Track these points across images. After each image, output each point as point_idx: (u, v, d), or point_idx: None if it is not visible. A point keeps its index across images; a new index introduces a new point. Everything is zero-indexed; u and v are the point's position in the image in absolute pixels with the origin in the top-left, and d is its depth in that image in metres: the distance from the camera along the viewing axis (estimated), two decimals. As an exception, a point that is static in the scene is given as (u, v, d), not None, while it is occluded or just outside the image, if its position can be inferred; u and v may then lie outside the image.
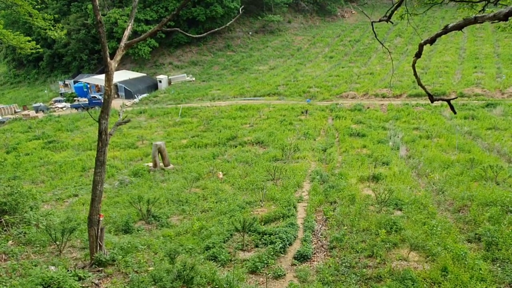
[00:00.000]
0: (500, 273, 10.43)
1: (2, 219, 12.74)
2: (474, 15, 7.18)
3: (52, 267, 10.37)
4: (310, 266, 11.46)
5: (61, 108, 44.92)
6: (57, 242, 11.69)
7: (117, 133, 29.99)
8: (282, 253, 12.03)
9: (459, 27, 7.21)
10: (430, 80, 37.75)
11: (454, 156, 20.44)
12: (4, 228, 12.60)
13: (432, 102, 8.51)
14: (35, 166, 23.64)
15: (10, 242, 12.05)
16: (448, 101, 8.01)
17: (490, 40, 52.39)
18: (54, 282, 9.22)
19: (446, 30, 7.46)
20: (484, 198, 14.41)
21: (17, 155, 26.32)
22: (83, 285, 9.73)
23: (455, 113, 8.41)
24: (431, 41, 8.10)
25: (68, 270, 10.05)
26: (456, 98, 9.48)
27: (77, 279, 9.79)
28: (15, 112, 44.16)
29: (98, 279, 10.16)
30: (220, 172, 20.28)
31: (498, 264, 10.83)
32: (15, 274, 9.90)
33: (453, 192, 15.62)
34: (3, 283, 9.09)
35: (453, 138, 22.99)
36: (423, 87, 8.49)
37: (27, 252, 11.56)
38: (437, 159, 19.74)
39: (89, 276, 10.10)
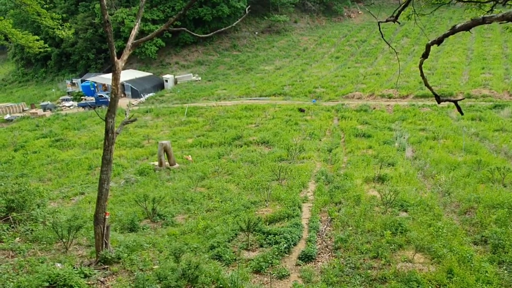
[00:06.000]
0: (507, 276, 10.34)
1: (10, 216, 12.87)
2: (482, 15, 7.14)
3: (59, 264, 10.46)
4: (315, 267, 11.45)
5: (68, 106, 45.27)
6: (64, 240, 11.79)
7: (124, 132, 30.17)
8: (286, 253, 12.02)
9: (467, 27, 7.17)
10: (437, 81, 37.50)
11: (460, 157, 20.28)
12: (12, 225, 12.73)
13: (439, 103, 8.47)
14: (42, 164, 23.85)
15: (17, 239, 12.18)
16: (455, 102, 7.97)
17: (498, 41, 51.89)
18: (60, 279, 9.30)
19: (453, 31, 7.42)
20: (491, 200, 14.29)
21: (25, 153, 26.58)
22: (89, 283, 9.80)
23: (462, 114, 8.37)
24: (438, 41, 8.06)
25: (74, 268, 10.12)
26: (463, 99, 9.43)
27: (83, 276, 9.87)
28: (23, 110, 44.57)
29: (104, 277, 10.23)
30: (189, 156, 22.89)
31: (504, 267, 10.73)
32: (22, 270, 10.01)
33: (459, 194, 15.50)
34: (10, 279, 9.18)
35: (459, 140, 22.82)
36: (430, 88, 8.45)
37: (34, 249, 11.67)
38: (444, 161, 19.60)
39: (95, 274, 10.18)
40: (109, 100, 10.94)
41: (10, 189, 13.80)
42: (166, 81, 50.24)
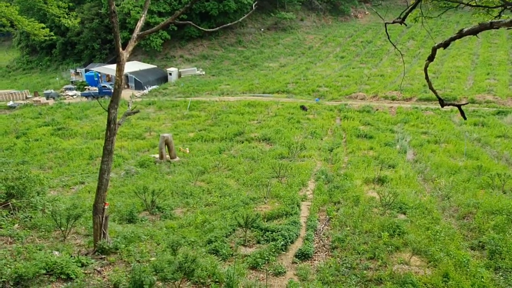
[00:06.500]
0: (502, 282, 10.35)
1: (9, 203, 12.92)
2: (490, 20, 7.10)
3: (56, 252, 10.50)
4: (311, 265, 11.47)
5: (72, 96, 45.28)
6: (62, 228, 11.83)
7: (126, 123, 30.18)
8: (283, 251, 12.05)
9: (474, 31, 7.14)
10: (442, 85, 37.38)
11: (461, 162, 20.26)
12: (11, 212, 12.77)
13: (442, 106, 8.44)
14: (43, 152, 23.91)
15: (16, 225, 12.22)
16: (459, 106, 7.95)
17: (505, 47, 51.63)
18: (57, 267, 9.34)
19: (461, 34, 7.40)
20: (490, 206, 14.29)
21: (27, 140, 26.63)
22: (86, 272, 9.85)
23: (465, 118, 8.33)
24: (445, 44, 8.02)
25: (71, 256, 10.16)
26: (467, 103, 9.39)
27: (80, 265, 9.91)
28: (26, 98, 44.57)
29: (101, 267, 10.27)
30: (187, 148, 24.02)
31: (500, 273, 10.74)
32: (19, 257, 10.04)
33: (458, 199, 15.50)
34: (8, 265, 9.22)
35: (461, 144, 22.78)
36: (434, 91, 8.43)
37: (32, 236, 11.71)
38: (444, 165, 19.58)
39: (92, 263, 10.22)
40: (112, 91, 10.94)
41: (10, 175, 13.83)
42: (170, 74, 50.19)
